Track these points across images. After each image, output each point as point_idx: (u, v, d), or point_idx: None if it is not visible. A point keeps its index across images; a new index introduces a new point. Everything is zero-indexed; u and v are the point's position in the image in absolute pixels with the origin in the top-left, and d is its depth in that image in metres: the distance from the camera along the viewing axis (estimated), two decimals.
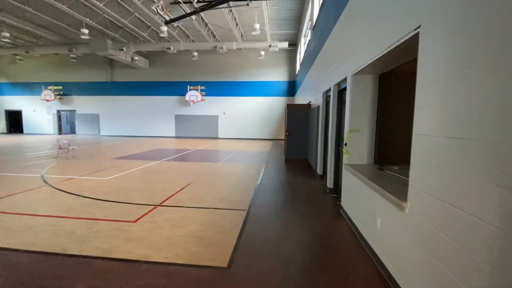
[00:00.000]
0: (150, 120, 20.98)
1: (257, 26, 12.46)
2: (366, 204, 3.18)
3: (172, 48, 15.68)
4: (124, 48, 15.70)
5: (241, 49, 18.22)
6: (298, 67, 17.21)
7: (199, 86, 19.68)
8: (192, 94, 19.50)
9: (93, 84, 21.47)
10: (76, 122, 22.13)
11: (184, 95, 19.85)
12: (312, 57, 9.10)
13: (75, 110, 22.03)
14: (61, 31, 15.73)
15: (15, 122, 23.24)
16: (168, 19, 10.90)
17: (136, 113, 21.14)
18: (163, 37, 16.22)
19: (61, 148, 9.40)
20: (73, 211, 4.19)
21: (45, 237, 3.29)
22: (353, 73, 3.86)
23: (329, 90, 5.83)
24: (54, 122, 22.29)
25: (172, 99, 20.49)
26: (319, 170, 6.86)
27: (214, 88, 19.86)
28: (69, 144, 9.59)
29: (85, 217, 3.94)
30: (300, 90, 14.09)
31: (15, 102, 22.80)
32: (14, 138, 18.05)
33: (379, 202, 2.70)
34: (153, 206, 4.43)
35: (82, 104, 21.87)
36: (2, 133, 23.01)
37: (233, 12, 13.23)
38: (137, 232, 3.44)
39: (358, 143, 3.95)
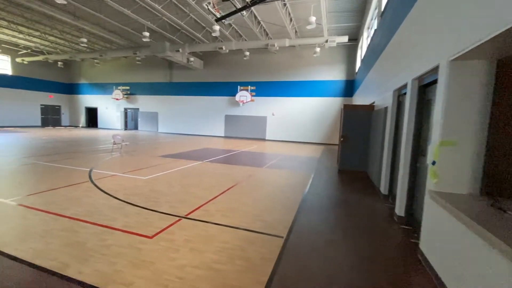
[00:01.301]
0: (202, 119, 21.57)
1: (313, 19, 11.30)
2: (472, 264, 1.94)
3: (224, 48, 15.61)
4: (180, 50, 16.28)
5: (294, 46, 17.17)
6: (358, 64, 15.33)
7: (249, 87, 19.34)
8: (242, 95, 19.27)
9: (154, 85, 23.17)
10: (139, 119, 24.22)
11: (235, 95, 19.78)
12: (378, 49, 7.59)
13: (138, 108, 24.13)
14: (128, 36, 17.18)
15: (92, 117, 26.75)
16: (219, 16, 10.63)
17: (190, 112, 21.99)
18: (216, 37, 16.33)
19: (115, 144, 9.90)
20: (98, 214, 3.88)
21: (54, 246, 2.94)
22: (452, 58, 2.58)
23: (404, 86, 4.46)
24: (121, 118, 24.84)
25: (223, 100, 20.66)
26: (383, 188, 5.46)
27: (263, 88, 19.27)
28: (123, 140, 10.04)
29: (104, 224, 3.57)
30: (360, 90, 12.36)
31: (92, 100, 26.24)
32: (88, 132, 20.58)
33: (502, 269, 1.49)
34: (177, 218, 3.85)
35: (144, 103, 23.83)
36: (82, 126, 26.76)
37: (287, 6, 12.34)
38: (148, 253, 2.85)
39: (455, 161, 2.65)
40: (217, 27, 12.63)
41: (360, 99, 12.22)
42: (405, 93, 4.47)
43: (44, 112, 25.16)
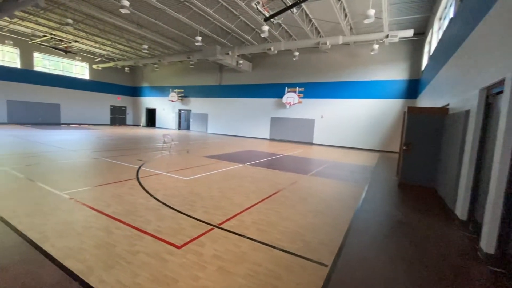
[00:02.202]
0: (248, 121, 21.66)
1: (372, 12, 10.14)
2: None
3: (272, 49, 15.30)
4: (230, 52, 16.54)
5: (348, 44, 15.93)
6: (424, 62, 13.37)
7: (297, 88, 18.64)
8: (289, 96, 18.68)
9: (205, 87, 24.20)
10: (191, 120, 25.59)
11: (281, 97, 19.31)
12: (455, 41, 6.27)
13: (190, 110, 25.52)
14: (183, 41, 18.21)
15: (151, 117, 29.36)
16: (268, 15, 10.32)
17: (237, 114, 22.31)
18: (265, 38, 16.13)
19: (165, 143, 10.36)
20: (134, 215, 3.84)
21: (87, 247, 2.89)
22: None
23: (499, 83, 3.41)
24: (176, 119, 26.61)
25: (270, 101, 20.37)
26: (460, 212, 4.34)
27: (313, 90, 18.34)
28: (172, 140, 10.45)
29: (138, 226, 3.46)
30: (428, 90, 10.65)
31: (152, 102, 28.78)
32: (147, 131, 22.50)
33: None
34: (210, 227, 3.55)
35: (196, 105, 25.08)
36: (143, 126, 29.56)
37: (341, 1, 11.39)
38: (173, 267, 2.58)
39: None
40: (266, 28, 12.37)
41: (426, 101, 10.54)
42: (499, 92, 3.42)
43: (112, 112, 28.54)
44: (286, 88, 19.00)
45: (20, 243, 2.89)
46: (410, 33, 12.51)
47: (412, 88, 15.10)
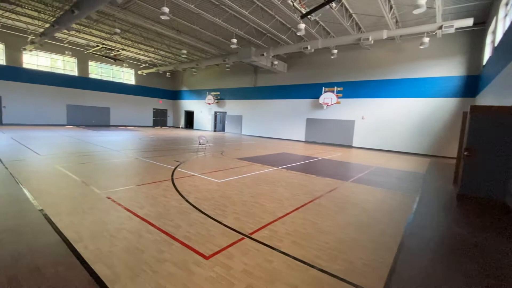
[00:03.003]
0: (282, 122, 21.25)
1: (423, 1, 9.08)
2: None
3: (309, 47, 14.72)
4: (265, 53, 16.36)
5: (393, 38, 14.65)
6: (486, 55, 11.62)
7: (335, 87, 17.70)
8: (327, 96, 17.82)
9: (240, 90, 24.41)
10: (226, 122, 26.03)
11: (318, 97, 18.52)
12: None
13: (226, 112, 25.97)
14: (219, 44, 18.56)
15: (189, 120, 30.60)
16: (304, 12, 9.88)
17: (271, 115, 22.06)
18: (301, 37, 15.62)
19: (200, 144, 10.50)
20: (165, 218, 3.76)
21: (117, 250, 2.84)
22: None
23: None
24: (212, 121, 27.33)
25: (306, 102, 19.71)
26: None
27: (352, 89, 17.25)
28: (207, 141, 10.56)
29: (168, 231, 3.35)
30: (492, 87, 9.17)
31: (190, 105, 29.99)
32: (185, 132, 23.42)
33: None
34: (240, 237, 3.30)
35: (231, 107, 25.44)
36: (181, 127, 30.96)
37: None
38: (199, 281, 2.37)
39: None
40: (302, 26, 11.90)
41: (490, 99, 9.08)
42: None
43: (155, 114, 30.40)
44: (323, 88, 18.18)
45: (57, 242, 2.95)
46: (469, 22, 10.97)
47: (470, 85, 13.27)
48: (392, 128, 15.73)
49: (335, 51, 15.54)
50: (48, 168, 6.48)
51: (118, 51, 21.52)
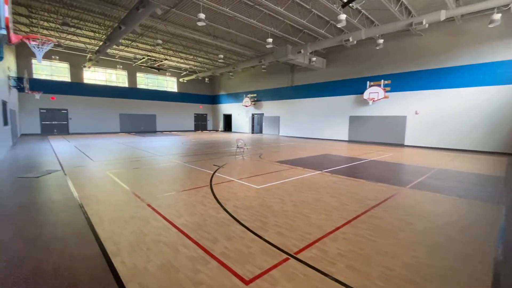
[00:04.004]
0: (323, 122, 20.20)
1: None
2: None
3: (351, 39, 13.62)
4: (302, 50, 15.68)
5: (453, 19, 12.75)
6: None
7: (382, 81, 16.14)
8: (372, 91, 16.35)
9: (277, 90, 23.98)
10: (263, 124, 25.82)
11: (362, 93, 17.11)
12: None
13: (263, 113, 25.77)
14: (254, 46, 18.41)
15: (227, 123, 31.20)
16: (345, 0, 9.05)
17: (310, 114, 21.16)
18: (341, 29, 14.59)
19: (238, 148, 10.34)
20: (202, 230, 3.52)
21: (152, 267, 2.64)
22: None
23: None
24: (249, 123, 27.40)
25: (348, 99, 18.41)
26: None
27: (402, 81, 15.53)
28: (245, 144, 10.36)
29: (205, 246, 3.09)
30: None
31: (228, 108, 30.55)
32: (223, 135, 23.82)
33: None
34: (284, 256, 2.87)
35: (268, 108, 25.16)
36: (220, 130, 31.72)
37: None
38: None
39: None
40: (342, 16, 11.01)
41: None
42: None
43: (196, 119, 31.69)
44: (368, 82, 16.74)
45: (96, 255, 2.88)
46: None
47: None
48: (453, 123, 13.70)
49: (381, 41, 14.15)
50: (99, 174, 6.87)
51: (161, 61, 22.86)
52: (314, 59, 17.58)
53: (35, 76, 20.48)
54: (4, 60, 10.98)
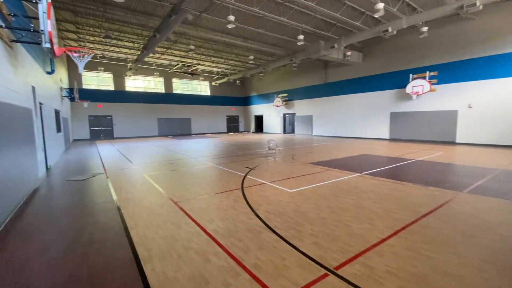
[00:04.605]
0: (360, 119, 19.04)
1: None
2: None
3: (390, 29, 12.55)
4: (336, 45, 14.91)
5: None
6: None
7: (427, 73, 14.64)
8: (416, 84, 14.92)
9: (309, 88, 23.26)
10: (295, 123, 25.24)
11: (404, 87, 15.73)
12: None
13: (295, 113, 25.21)
14: (285, 44, 18.03)
15: (259, 124, 31.18)
16: None
17: (345, 112, 20.11)
18: (378, 20, 13.55)
19: (270, 149, 10.11)
20: (233, 237, 3.36)
21: (182, 276, 2.53)
22: None
23: None
24: (281, 123, 27.01)
25: (388, 94, 17.08)
26: None
27: (451, 72, 13.91)
28: (277, 145, 10.09)
29: (236, 255, 2.91)
30: None
31: (259, 109, 30.52)
32: (255, 136, 23.77)
33: None
34: (323, 272, 2.56)
35: (300, 107, 24.53)
36: (252, 132, 31.82)
37: None
38: None
39: None
40: (380, 5, 10.19)
41: None
42: None
43: (228, 121, 32.24)
44: (411, 75, 15.33)
45: (129, 261, 2.86)
46: None
47: None
48: None
49: (425, 29, 12.84)
50: (137, 177, 7.16)
51: (195, 66, 23.64)
52: (349, 53, 16.65)
53: (84, 86, 22.59)
54: (57, 73, 12.20)
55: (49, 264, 2.82)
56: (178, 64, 22.77)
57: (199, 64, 23.27)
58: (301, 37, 13.92)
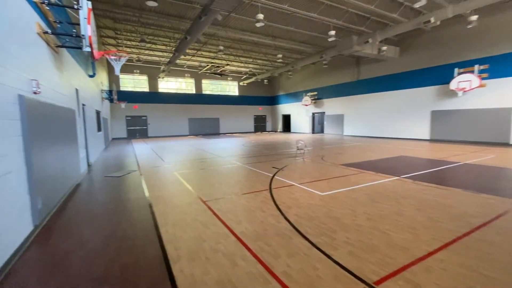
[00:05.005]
0: (396, 118, 17.82)
1: None
2: None
3: (433, 20, 11.50)
4: (370, 40, 14.09)
5: None
6: None
7: (476, 66, 13.20)
8: (462, 80, 13.52)
9: (340, 86, 22.35)
10: (325, 123, 24.44)
11: (448, 82, 14.37)
12: None
13: (324, 112, 24.41)
14: (314, 41, 17.49)
15: (286, 123, 30.76)
16: None
17: (379, 111, 18.96)
18: (419, 11, 12.50)
19: (298, 149, 9.82)
20: (262, 241, 3.22)
21: (209, 279, 2.47)
22: None
23: None
24: (309, 123, 26.35)
25: (428, 91, 15.74)
26: None
27: (505, 65, 12.37)
28: (305, 145, 9.78)
29: (265, 261, 2.77)
30: None
31: (286, 108, 30.10)
32: (282, 136, 23.46)
33: None
34: (361, 286, 2.31)
35: (330, 106, 23.69)
36: (279, 131, 31.49)
37: None
38: None
39: None
40: None
41: None
42: None
43: (255, 120, 32.28)
44: (456, 69, 13.93)
45: (158, 259, 2.87)
46: None
47: None
48: None
49: (474, 18, 11.56)
50: (168, 175, 7.37)
51: (223, 67, 24.01)
52: (384, 48, 15.64)
53: (122, 88, 24.10)
54: (98, 76, 13.12)
55: (85, 259, 2.93)
56: (207, 65, 23.29)
57: (228, 64, 23.58)
58: (332, 32, 13.38)
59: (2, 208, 2.81)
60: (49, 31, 4.64)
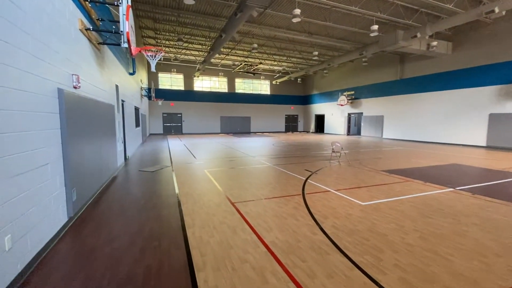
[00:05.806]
0: (444, 122, 16.05)
1: None
2: None
3: (497, 10, 9.99)
4: (418, 34, 12.76)
5: None
6: None
7: None
8: None
9: (380, 85, 20.83)
10: (362, 124, 23.02)
11: (511, 82, 12.48)
12: None
13: (362, 113, 22.99)
14: (354, 37, 16.44)
15: (320, 124, 29.65)
16: None
17: (426, 113, 17.25)
18: (479, 1, 10.98)
19: (334, 152, 9.20)
20: (295, 254, 2.87)
21: None
22: None
23: None
24: (345, 124, 25.05)
25: (486, 91, 13.87)
26: None
27: None
28: (342, 148, 9.14)
29: (299, 280, 2.43)
30: None
31: (320, 108, 28.98)
32: (315, 137, 22.60)
33: None
34: None
35: (368, 106, 22.24)
36: (312, 132, 30.49)
37: None
38: None
39: None
40: None
41: None
42: None
43: (287, 120, 31.70)
44: None
45: (182, 265, 2.68)
46: None
47: None
48: None
49: None
50: (199, 172, 7.33)
51: (256, 65, 23.88)
52: (434, 43, 14.12)
53: (160, 86, 25.24)
54: (138, 74, 13.75)
55: (111, 256, 2.85)
56: (241, 64, 23.34)
57: (261, 63, 23.37)
58: (375, 27, 12.38)
59: (39, 199, 2.84)
60: (91, 27, 4.78)
